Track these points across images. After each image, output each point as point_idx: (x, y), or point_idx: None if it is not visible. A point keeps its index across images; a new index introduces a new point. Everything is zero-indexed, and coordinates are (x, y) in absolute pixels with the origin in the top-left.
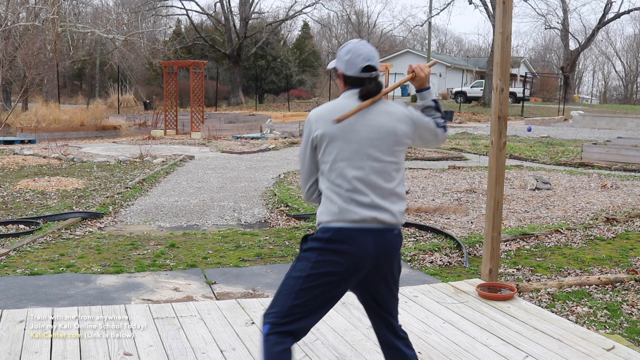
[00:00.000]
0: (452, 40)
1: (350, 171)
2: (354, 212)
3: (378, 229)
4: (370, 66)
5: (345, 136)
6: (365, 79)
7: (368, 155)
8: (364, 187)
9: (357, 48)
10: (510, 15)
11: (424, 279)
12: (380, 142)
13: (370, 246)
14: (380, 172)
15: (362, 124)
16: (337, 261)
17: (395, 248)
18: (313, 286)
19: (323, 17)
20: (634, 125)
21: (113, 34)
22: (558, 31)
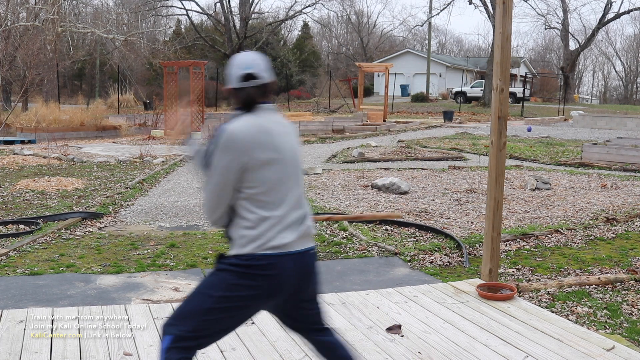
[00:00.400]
0: (452, 40)
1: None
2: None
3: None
4: (249, 74)
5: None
6: (246, 88)
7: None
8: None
9: (237, 59)
10: (510, 15)
11: (424, 279)
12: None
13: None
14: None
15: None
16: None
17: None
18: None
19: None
20: (634, 125)
21: (113, 34)
22: (558, 31)
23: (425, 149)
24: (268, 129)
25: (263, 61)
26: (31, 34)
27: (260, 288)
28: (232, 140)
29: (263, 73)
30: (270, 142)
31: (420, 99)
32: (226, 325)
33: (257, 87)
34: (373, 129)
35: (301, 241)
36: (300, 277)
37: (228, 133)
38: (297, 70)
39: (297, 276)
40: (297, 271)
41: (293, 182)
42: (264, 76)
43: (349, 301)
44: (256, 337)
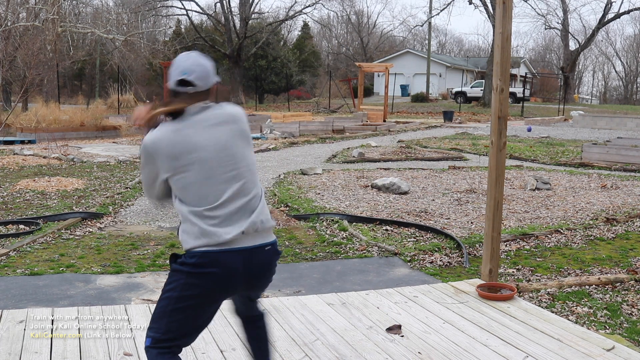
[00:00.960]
0: (452, 41)
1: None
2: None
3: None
4: (184, 80)
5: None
6: (181, 93)
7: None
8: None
9: (179, 61)
10: (510, 15)
11: (424, 279)
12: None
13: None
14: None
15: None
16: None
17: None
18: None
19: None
20: (634, 126)
21: (113, 34)
22: (558, 31)
23: (425, 149)
24: (185, 134)
25: (202, 66)
26: (31, 34)
27: (207, 286)
28: (146, 152)
29: (199, 81)
30: (185, 147)
31: (420, 99)
32: (194, 323)
33: (191, 95)
34: (373, 129)
35: (250, 237)
36: (251, 274)
37: (144, 145)
38: (297, 70)
39: (247, 273)
40: (245, 268)
41: (227, 177)
42: (199, 84)
43: (349, 301)
44: None
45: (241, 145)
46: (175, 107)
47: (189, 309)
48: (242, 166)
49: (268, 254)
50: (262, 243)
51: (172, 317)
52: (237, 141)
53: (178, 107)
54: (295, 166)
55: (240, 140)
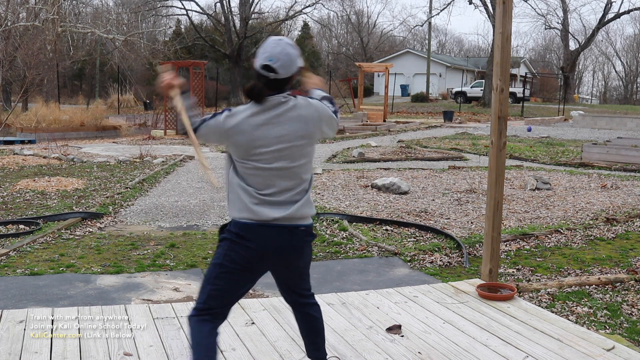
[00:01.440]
0: (452, 41)
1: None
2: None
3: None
4: (268, 66)
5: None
6: (262, 76)
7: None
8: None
9: (269, 45)
10: (510, 15)
11: (424, 279)
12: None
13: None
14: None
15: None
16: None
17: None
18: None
19: (323, 17)
20: (634, 125)
21: (113, 34)
22: (558, 31)
23: (425, 149)
24: (261, 132)
25: (288, 55)
26: (31, 34)
27: (246, 255)
28: (223, 129)
29: (281, 69)
30: (257, 143)
31: (420, 99)
32: (232, 292)
33: (271, 80)
34: (373, 129)
35: (287, 220)
36: (284, 250)
37: (225, 122)
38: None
39: (280, 247)
40: (280, 242)
41: (282, 173)
42: (281, 73)
43: (349, 301)
44: (256, 337)
45: (304, 144)
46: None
47: (228, 277)
48: (298, 165)
49: (301, 234)
50: (297, 224)
51: (214, 285)
52: (300, 140)
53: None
54: None
55: (303, 139)
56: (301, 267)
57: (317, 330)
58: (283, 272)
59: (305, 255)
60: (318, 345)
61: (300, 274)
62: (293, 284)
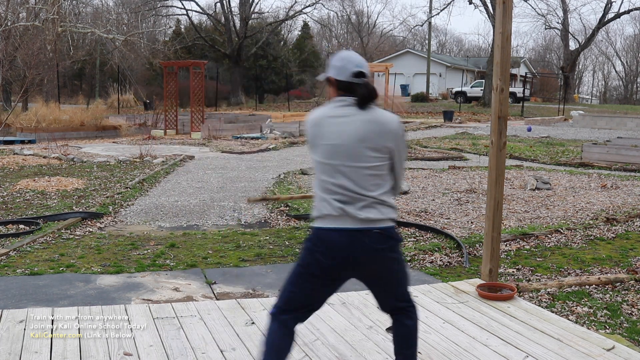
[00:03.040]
0: (452, 40)
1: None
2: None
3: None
4: (361, 72)
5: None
6: (355, 84)
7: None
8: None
9: (350, 56)
10: (510, 15)
11: (424, 279)
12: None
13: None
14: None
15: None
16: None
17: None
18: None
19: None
20: (634, 125)
21: (113, 34)
22: (558, 31)
23: (425, 148)
24: (332, 116)
25: (365, 61)
26: (31, 34)
27: (318, 261)
28: (306, 123)
29: (368, 73)
30: (326, 129)
31: (421, 99)
32: (308, 297)
33: (363, 85)
34: None
35: (359, 221)
36: (356, 255)
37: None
38: (297, 70)
39: (351, 252)
40: (350, 247)
41: (347, 168)
42: (368, 76)
43: (349, 301)
44: (256, 337)
45: (367, 150)
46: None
47: (307, 279)
48: (360, 164)
49: (375, 238)
50: (371, 227)
51: (291, 287)
52: (362, 146)
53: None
54: (295, 166)
55: (370, 145)
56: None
57: (402, 336)
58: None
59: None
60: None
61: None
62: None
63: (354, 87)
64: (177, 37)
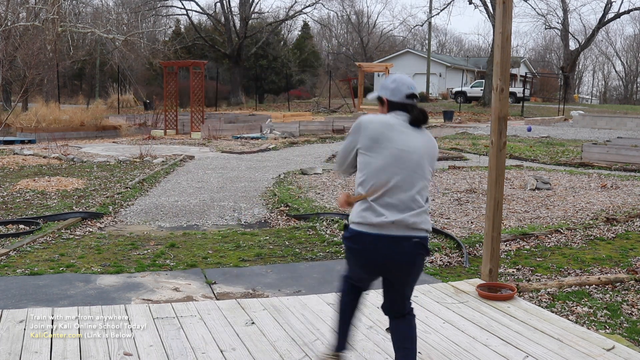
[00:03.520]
0: (452, 40)
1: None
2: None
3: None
4: (413, 94)
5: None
6: (408, 104)
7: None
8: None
9: (402, 79)
10: (510, 15)
11: (424, 279)
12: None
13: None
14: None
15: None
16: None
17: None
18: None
19: (323, 17)
20: (634, 125)
21: (113, 34)
22: (558, 31)
23: None
24: (398, 125)
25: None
26: (31, 34)
27: (357, 256)
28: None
29: (418, 94)
30: (397, 135)
31: (420, 99)
32: (360, 274)
33: (413, 106)
34: None
35: (398, 228)
36: (390, 258)
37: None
38: (297, 70)
39: (386, 256)
40: (386, 251)
41: (407, 176)
42: (418, 98)
43: None
44: (256, 337)
45: (427, 165)
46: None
47: (354, 264)
48: (417, 175)
49: (410, 245)
50: (408, 235)
51: (348, 266)
52: (425, 160)
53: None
54: (295, 166)
55: (428, 162)
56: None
57: (403, 338)
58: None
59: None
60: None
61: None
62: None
63: (407, 107)
64: (177, 37)
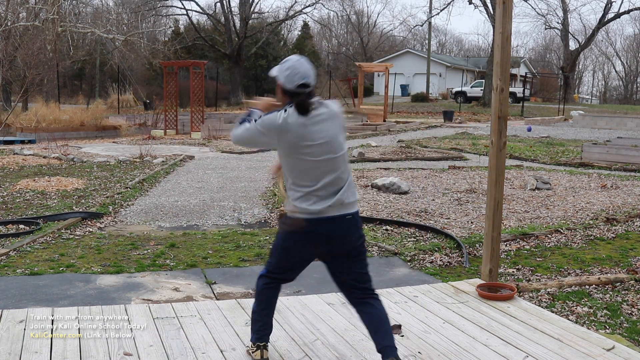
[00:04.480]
0: (452, 40)
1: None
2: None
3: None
4: (305, 84)
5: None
6: (300, 93)
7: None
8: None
9: (295, 67)
10: (510, 15)
11: (424, 279)
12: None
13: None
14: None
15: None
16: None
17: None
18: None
19: (323, 17)
20: (634, 125)
21: (113, 34)
22: (558, 31)
23: (425, 148)
24: (307, 130)
25: (313, 70)
26: (31, 34)
27: (298, 240)
28: (274, 126)
29: (313, 83)
30: (304, 139)
31: (421, 99)
32: (292, 264)
33: (308, 94)
34: (373, 129)
35: (334, 209)
36: (332, 236)
37: (275, 120)
38: None
39: (329, 234)
40: (327, 231)
41: (328, 166)
42: (312, 85)
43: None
44: None
45: (341, 137)
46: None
47: (289, 253)
48: (340, 156)
49: (346, 222)
50: (343, 213)
51: (278, 257)
52: (339, 134)
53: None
54: None
55: (341, 133)
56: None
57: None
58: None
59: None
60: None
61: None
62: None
63: (300, 95)
64: (177, 37)
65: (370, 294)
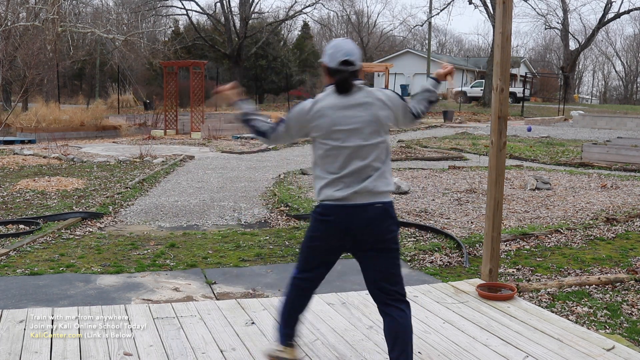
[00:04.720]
0: (452, 40)
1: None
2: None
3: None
4: (348, 61)
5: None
6: (343, 71)
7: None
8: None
9: (340, 44)
10: (510, 15)
11: (424, 279)
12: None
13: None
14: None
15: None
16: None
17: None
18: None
19: (323, 17)
20: (634, 125)
21: (113, 34)
22: (558, 31)
23: (425, 148)
24: (337, 104)
25: (358, 49)
26: (31, 34)
27: (325, 230)
28: (305, 110)
29: (358, 62)
30: (333, 117)
31: None
32: (319, 259)
33: (350, 73)
34: None
35: (360, 196)
36: (356, 224)
37: (306, 105)
38: (297, 70)
39: (352, 223)
40: (351, 219)
41: (354, 151)
42: (358, 65)
43: (349, 301)
44: (256, 337)
45: (377, 126)
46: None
47: (312, 245)
48: (372, 145)
49: (373, 210)
50: (369, 202)
51: (304, 254)
52: (374, 122)
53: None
54: (296, 166)
55: (378, 122)
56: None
57: (396, 335)
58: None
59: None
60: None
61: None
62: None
63: (342, 73)
64: (177, 37)
65: (398, 299)
